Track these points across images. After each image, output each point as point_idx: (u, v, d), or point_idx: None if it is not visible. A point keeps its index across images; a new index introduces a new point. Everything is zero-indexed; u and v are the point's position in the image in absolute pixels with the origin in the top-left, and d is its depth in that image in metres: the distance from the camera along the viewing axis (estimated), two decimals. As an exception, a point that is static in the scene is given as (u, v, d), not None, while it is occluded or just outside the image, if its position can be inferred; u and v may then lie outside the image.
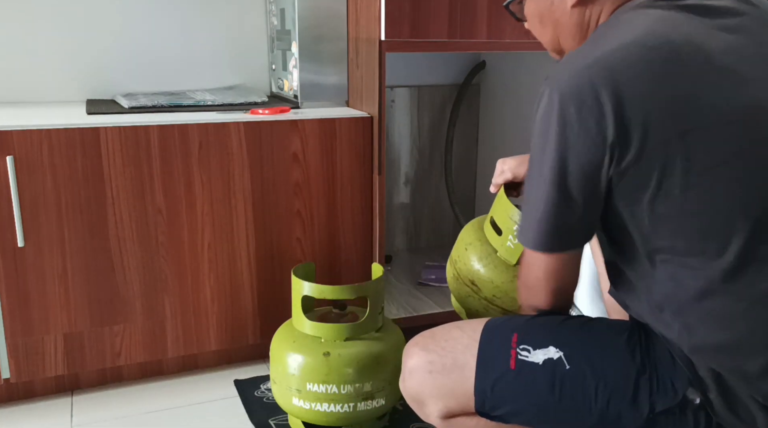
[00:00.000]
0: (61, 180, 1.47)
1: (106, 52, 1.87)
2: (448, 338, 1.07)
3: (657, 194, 0.88)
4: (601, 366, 0.95)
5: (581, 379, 0.95)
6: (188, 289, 1.62)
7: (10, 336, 1.50)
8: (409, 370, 1.08)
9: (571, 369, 0.96)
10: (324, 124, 1.65)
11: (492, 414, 1.01)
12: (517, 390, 0.99)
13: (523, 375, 0.98)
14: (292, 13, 1.76)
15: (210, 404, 1.60)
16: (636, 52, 0.87)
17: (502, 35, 1.69)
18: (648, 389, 0.93)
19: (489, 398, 1.00)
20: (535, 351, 0.98)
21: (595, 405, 0.95)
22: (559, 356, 0.97)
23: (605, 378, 0.95)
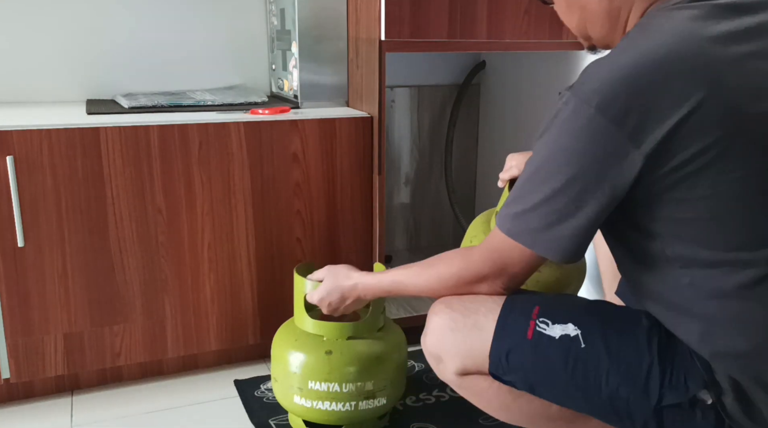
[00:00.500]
0: (61, 180, 1.47)
1: (106, 52, 1.87)
2: (474, 300, 1.08)
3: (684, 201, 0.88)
4: (617, 351, 0.96)
5: (595, 360, 0.96)
6: (188, 289, 1.62)
7: (10, 336, 1.50)
8: (432, 326, 1.10)
9: (587, 348, 0.97)
10: (324, 124, 1.65)
11: (504, 378, 1.04)
12: (529, 360, 1.00)
13: (539, 347, 0.99)
14: (292, 13, 1.76)
15: (210, 404, 1.60)
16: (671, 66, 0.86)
17: (502, 35, 1.69)
18: (659, 381, 0.93)
19: (502, 363, 1.02)
20: (553, 325, 1.00)
21: (606, 388, 0.95)
22: (576, 334, 0.98)
23: (618, 363, 0.95)
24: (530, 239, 0.96)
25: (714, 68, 0.86)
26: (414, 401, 1.58)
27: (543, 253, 0.96)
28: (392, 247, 2.35)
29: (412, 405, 1.57)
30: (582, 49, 1.84)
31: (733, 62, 0.86)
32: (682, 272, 0.91)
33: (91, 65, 1.86)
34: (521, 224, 0.97)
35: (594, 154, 0.88)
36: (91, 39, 1.85)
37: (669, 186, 0.88)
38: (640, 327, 0.97)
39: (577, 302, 1.06)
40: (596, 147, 0.88)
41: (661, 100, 0.85)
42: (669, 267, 0.93)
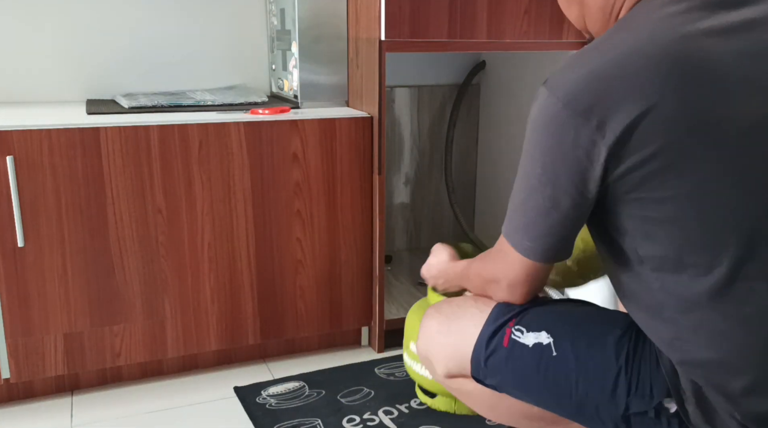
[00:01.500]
0: (61, 180, 1.47)
1: (106, 52, 1.87)
2: (462, 305, 1.13)
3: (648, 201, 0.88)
4: (585, 359, 0.99)
5: (565, 367, 0.99)
6: (188, 289, 1.62)
7: (10, 336, 1.50)
8: (424, 329, 1.17)
9: (558, 356, 1.00)
10: (324, 124, 1.65)
11: (485, 382, 1.08)
12: (505, 366, 1.04)
13: (513, 354, 1.03)
14: (292, 13, 1.76)
15: (210, 404, 1.60)
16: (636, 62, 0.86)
17: (502, 35, 1.69)
18: (626, 389, 0.95)
19: (482, 368, 1.07)
20: (528, 333, 1.03)
21: (576, 394, 0.99)
22: (549, 342, 1.01)
23: (587, 371, 0.98)
24: (515, 239, 0.99)
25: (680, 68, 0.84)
26: (418, 404, 1.58)
27: (524, 254, 0.98)
28: (392, 247, 2.35)
29: (417, 408, 1.57)
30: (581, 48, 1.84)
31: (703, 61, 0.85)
32: (654, 276, 0.91)
33: (91, 65, 1.86)
34: (509, 224, 1.00)
35: (563, 147, 0.89)
36: (91, 39, 1.85)
37: (634, 184, 0.88)
38: (612, 336, 0.99)
39: (554, 308, 1.07)
40: (564, 140, 0.88)
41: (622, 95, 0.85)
42: (642, 269, 0.93)
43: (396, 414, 1.54)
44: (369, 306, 1.81)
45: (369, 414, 1.54)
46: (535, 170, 0.93)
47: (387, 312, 1.83)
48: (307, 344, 1.85)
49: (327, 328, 1.79)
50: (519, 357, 1.03)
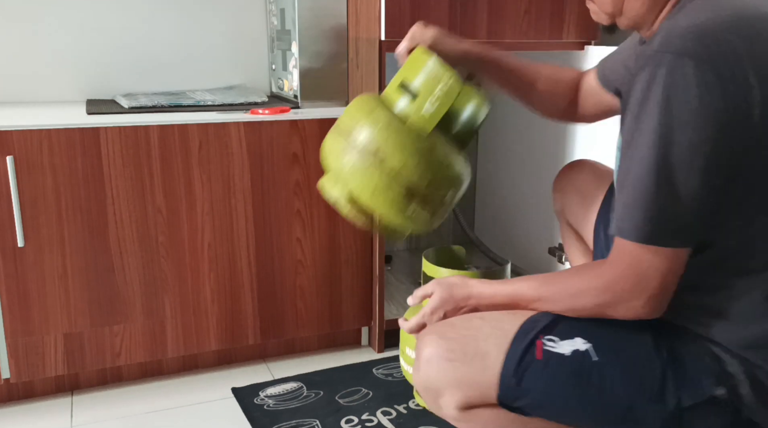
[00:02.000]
0: (61, 180, 1.47)
1: (106, 52, 1.87)
2: (469, 326, 1.03)
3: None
4: (629, 359, 0.94)
5: (609, 372, 0.94)
6: (188, 289, 1.62)
7: (10, 336, 1.50)
8: (426, 359, 1.03)
9: (600, 361, 0.94)
10: (324, 124, 1.65)
11: (514, 404, 0.99)
12: (543, 381, 0.96)
13: (550, 366, 0.96)
14: (292, 13, 1.76)
15: (210, 404, 1.60)
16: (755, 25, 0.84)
17: (502, 35, 1.69)
18: (674, 384, 0.92)
19: (513, 388, 0.97)
20: (561, 342, 0.96)
21: (622, 398, 0.94)
22: (587, 347, 0.95)
23: (632, 371, 0.93)
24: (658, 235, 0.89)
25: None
26: (416, 405, 1.58)
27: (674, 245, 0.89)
28: (392, 247, 2.35)
29: (416, 409, 1.57)
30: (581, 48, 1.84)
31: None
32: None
33: (91, 65, 1.86)
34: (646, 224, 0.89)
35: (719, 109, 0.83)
36: (91, 39, 1.85)
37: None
38: (647, 332, 0.96)
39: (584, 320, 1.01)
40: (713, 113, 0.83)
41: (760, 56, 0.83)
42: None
43: (394, 414, 1.54)
44: (369, 306, 1.81)
45: (367, 414, 1.54)
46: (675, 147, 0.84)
47: (387, 313, 1.83)
48: (307, 344, 1.85)
49: (327, 328, 1.79)
50: (557, 368, 0.95)
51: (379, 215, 1.20)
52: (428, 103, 1.18)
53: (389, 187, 1.17)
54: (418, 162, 1.16)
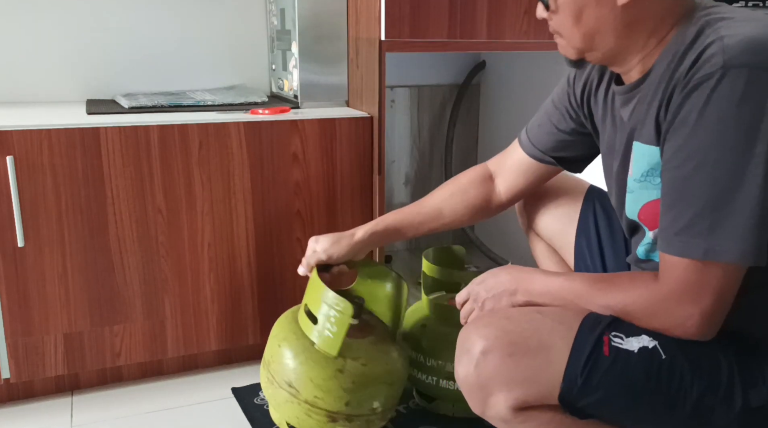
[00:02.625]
0: (61, 180, 1.47)
1: (106, 52, 1.87)
2: (531, 320, 0.99)
3: None
4: (696, 357, 0.92)
5: (677, 369, 0.92)
6: (188, 289, 1.62)
7: (10, 336, 1.50)
8: (484, 352, 0.97)
9: (667, 358, 0.92)
10: (324, 124, 1.65)
11: (577, 404, 0.96)
12: (610, 378, 0.93)
13: (619, 363, 0.93)
14: (292, 13, 1.76)
15: (210, 404, 1.60)
16: None
17: (502, 35, 1.69)
18: (741, 384, 0.91)
19: (578, 385, 0.94)
20: (628, 338, 0.94)
21: (690, 397, 0.92)
22: (654, 345, 0.93)
23: (700, 369, 0.92)
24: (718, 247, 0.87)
25: None
26: (416, 404, 1.58)
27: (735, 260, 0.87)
28: (392, 247, 2.35)
29: (415, 409, 1.57)
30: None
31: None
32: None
33: (91, 65, 1.86)
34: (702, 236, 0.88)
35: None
36: (91, 39, 1.85)
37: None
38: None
39: None
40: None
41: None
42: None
43: (394, 414, 1.54)
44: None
45: (369, 414, 1.53)
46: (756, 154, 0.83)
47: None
48: (307, 344, 1.85)
49: (327, 328, 1.79)
50: (625, 364, 0.93)
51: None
52: (326, 330, 1.25)
53: (308, 415, 1.26)
54: (329, 389, 1.24)
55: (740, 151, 0.84)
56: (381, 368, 1.31)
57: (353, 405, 1.27)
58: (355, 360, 1.28)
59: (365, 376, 1.27)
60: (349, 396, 1.26)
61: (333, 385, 1.24)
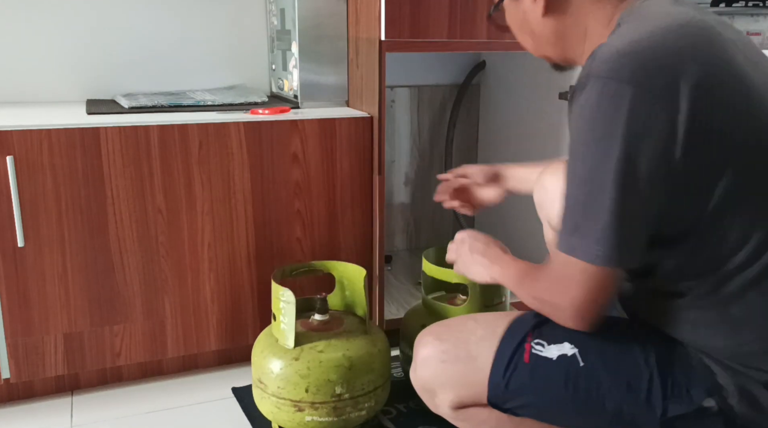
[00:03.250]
0: (61, 180, 1.47)
1: (106, 52, 1.87)
2: (463, 329, 1.06)
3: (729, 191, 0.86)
4: (615, 366, 0.94)
5: (595, 377, 0.95)
6: (188, 289, 1.62)
7: (10, 336, 1.50)
8: (422, 359, 1.07)
9: (585, 366, 0.95)
10: (324, 124, 1.65)
11: (504, 406, 1.01)
12: (530, 385, 0.98)
13: (537, 370, 0.97)
14: (292, 13, 1.76)
15: (210, 404, 1.60)
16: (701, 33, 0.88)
17: (502, 35, 1.69)
18: (661, 393, 0.92)
19: (502, 390, 0.99)
20: (549, 346, 0.97)
21: (610, 404, 0.94)
22: (574, 353, 0.96)
23: (619, 379, 0.94)
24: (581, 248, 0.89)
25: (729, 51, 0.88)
26: (416, 404, 1.58)
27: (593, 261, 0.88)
28: (392, 247, 2.35)
29: (415, 408, 1.57)
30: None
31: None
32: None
33: (91, 65, 1.86)
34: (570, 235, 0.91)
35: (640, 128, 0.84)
36: (91, 39, 1.85)
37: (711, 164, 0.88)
38: (636, 339, 0.97)
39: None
40: (642, 120, 0.84)
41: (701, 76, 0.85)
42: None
43: (394, 413, 1.54)
44: (369, 306, 1.80)
45: (369, 414, 1.53)
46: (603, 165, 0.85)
47: (387, 312, 1.83)
48: (307, 344, 1.85)
49: (327, 328, 1.79)
50: (544, 372, 0.97)
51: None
52: (282, 323, 1.38)
53: (278, 407, 1.37)
54: (286, 377, 1.34)
55: (596, 158, 0.86)
56: (338, 353, 1.37)
57: (313, 391, 1.34)
58: (313, 348, 1.37)
59: (320, 361, 1.35)
60: (307, 382, 1.34)
61: (289, 372, 1.34)
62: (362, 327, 1.47)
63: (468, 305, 1.45)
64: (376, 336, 1.47)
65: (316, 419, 1.36)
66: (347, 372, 1.36)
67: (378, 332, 1.50)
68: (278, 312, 1.39)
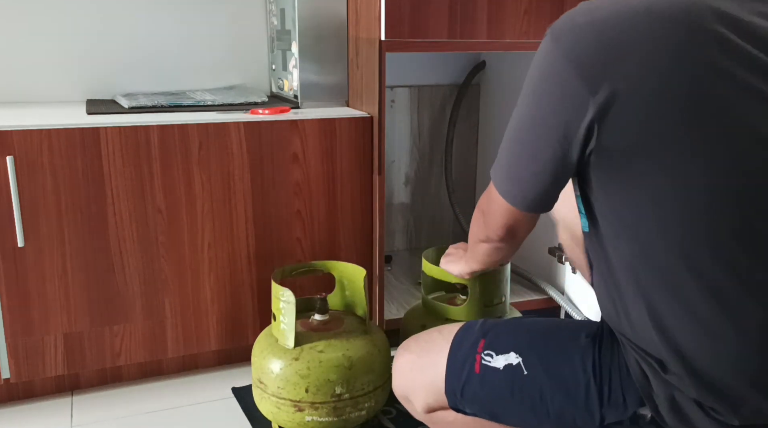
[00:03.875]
0: (61, 180, 1.47)
1: (106, 52, 1.87)
2: (428, 340, 1.14)
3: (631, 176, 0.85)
4: (555, 373, 0.99)
5: (537, 384, 0.99)
6: (188, 289, 1.62)
7: (10, 336, 1.50)
8: (395, 369, 1.18)
9: (529, 374, 1.00)
10: (324, 124, 1.65)
11: (464, 411, 1.08)
12: (481, 393, 1.04)
13: (486, 380, 1.04)
14: (292, 13, 1.76)
15: (210, 404, 1.60)
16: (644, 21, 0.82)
17: (502, 35, 1.69)
18: (598, 400, 0.95)
19: (459, 398, 1.07)
20: (497, 356, 1.03)
21: (552, 409, 0.99)
22: (518, 362, 1.01)
23: (558, 385, 0.98)
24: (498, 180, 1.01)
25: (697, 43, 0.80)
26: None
27: (504, 197, 0.99)
28: (392, 247, 2.35)
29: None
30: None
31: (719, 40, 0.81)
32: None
33: (91, 65, 1.86)
34: (496, 164, 1.02)
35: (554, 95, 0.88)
36: (91, 39, 1.85)
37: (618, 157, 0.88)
38: (577, 347, 0.99)
39: (520, 326, 1.08)
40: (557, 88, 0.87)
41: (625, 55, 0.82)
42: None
43: (394, 413, 1.54)
44: (369, 306, 1.80)
45: (369, 414, 1.53)
46: (528, 114, 0.93)
47: (387, 312, 1.83)
48: (307, 344, 1.85)
49: (327, 328, 1.79)
50: (492, 382, 1.03)
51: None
52: (282, 323, 1.39)
53: (278, 407, 1.37)
54: (286, 377, 1.35)
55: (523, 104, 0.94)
56: (338, 353, 1.38)
57: (313, 391, 1.35)
58: (313, 348, 1.38)
59: (320, 361, 1.36)
60: (307, 383, 1.35)
61: (289, 372, 1.35)
62: (362, 327, 1.47)
63: (468, 305, 1.45)
64: (376, 336, 1.47)
65: (316, 419, 1.36)
66: (347, 372, 1.36)
67: (378, 332, 1.49)
68: (278, 312, 1.39)
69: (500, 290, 1.50)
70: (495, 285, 1.46)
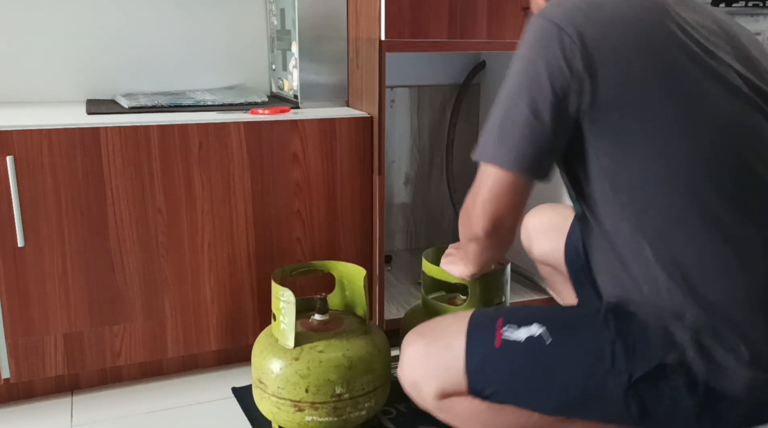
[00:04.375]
0: (61, 180, 1.47)
1: (106, 52, 1.87)
2: (440, 324, 1.13)
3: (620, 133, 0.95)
4: (580, 335, 0.99)
5: (563, 350, 0.99)
6: (188, 289, 1.62)
7: (10, 336, 1.50)
8: (407, 356, 1.13)
9: (552, 342, 0.99)
10: (324, 124, 1.65)
11: (483, 393, 1.05)
12: (503, 369, 1.02)
13: (507, 353, 1.02)
14: (292, 13, 1.77)
15: (210, 404, 1.60)
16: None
17: (502, 35, 1.69)
18: (624, 354, 0.95)
19: (480, 378, 1.04)
20: (519, 329, 1.02)
21: (580, 374, 0.98)
22: (540, 332, 1.00)
23: (585, 346, 0.98)
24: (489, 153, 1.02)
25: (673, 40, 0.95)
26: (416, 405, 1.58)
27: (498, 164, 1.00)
28: (392, 247, 2.35)
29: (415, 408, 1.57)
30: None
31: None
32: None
33: (91, 65, 1.86)
34: (482, 143, 1.03)
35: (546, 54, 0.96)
36: (91, 39, 1.85)
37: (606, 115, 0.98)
38: (597, 314, 1.01)
39: (539, 307, 1.10)
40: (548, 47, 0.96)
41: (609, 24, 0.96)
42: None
43: (394, 413, 1.54)
44: (369, 306, 1.80)
45: (369, 414, 1.53)
46: (519, 82, 0.98)
47: (387, 312, 1.83)
48: (307, 344, 1.85)
49: (327, 328, 1.79)
50: (513, 354, 1.01)
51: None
52: (282, 323, 1.39)
53: (278, 407, 1.37)
54: (286, 377, 1.35)
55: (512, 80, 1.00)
56: (338, 353, 1.38)
57: (313, 391, 1.35)
58: (313, 348, 1.37)
59: (320, 361, 1.36)
60: (307, 383, 1.35)
61: (289, 372, 1.34)
62: (362, 327, 1.47)
63: (468, 305, 1.45)
64: (376, 336, 1.47)
65: (316, 419, 1.36)
66: (347, 372, 1.36)
67: (378, 332, 1.50)
68: (278, 312, 1.39)
69: (500, 290, 1.50)
70: (495, 285, 1.46)
